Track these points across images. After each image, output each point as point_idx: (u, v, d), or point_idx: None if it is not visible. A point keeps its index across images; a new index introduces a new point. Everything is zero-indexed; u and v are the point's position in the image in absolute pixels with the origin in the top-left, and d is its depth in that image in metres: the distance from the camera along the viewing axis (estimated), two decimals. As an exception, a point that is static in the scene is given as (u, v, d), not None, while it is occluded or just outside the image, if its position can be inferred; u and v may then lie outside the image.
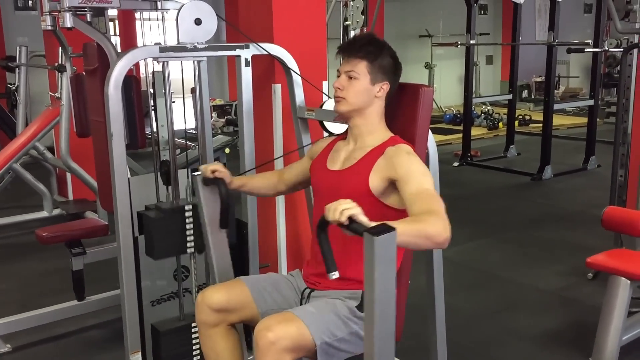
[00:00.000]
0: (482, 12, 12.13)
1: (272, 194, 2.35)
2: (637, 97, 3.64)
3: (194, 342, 2.39)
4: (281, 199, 2.70)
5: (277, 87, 2.63)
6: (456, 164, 7.15)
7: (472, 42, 7.05)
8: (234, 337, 2.03)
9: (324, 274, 1.98)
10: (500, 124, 9.04)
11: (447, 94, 11.21)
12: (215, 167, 2.11)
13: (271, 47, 2.47)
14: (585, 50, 6.52)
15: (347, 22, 4.41)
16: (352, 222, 1.47)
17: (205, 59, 2.35)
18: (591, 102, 6.83)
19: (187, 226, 2.30)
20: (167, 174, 2.46)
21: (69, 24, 2.67)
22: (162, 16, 2.94)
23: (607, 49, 5.58)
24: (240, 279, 2.07)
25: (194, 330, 2.38)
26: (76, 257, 3.12)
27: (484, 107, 9.77)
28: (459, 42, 7.36)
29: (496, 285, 3.78)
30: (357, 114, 1.98)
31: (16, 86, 5.89)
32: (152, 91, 2.50)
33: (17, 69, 5.60)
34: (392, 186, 1.86)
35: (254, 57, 2.43)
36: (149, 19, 3.09)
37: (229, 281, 2.08)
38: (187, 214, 2.29)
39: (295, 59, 2.52)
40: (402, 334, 2.11)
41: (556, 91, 10.18)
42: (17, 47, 5.39)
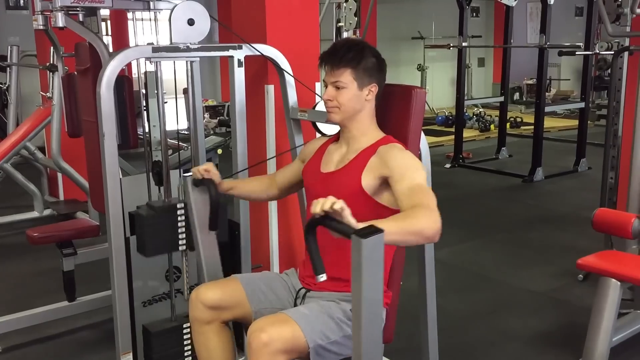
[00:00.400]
0: (474, 14, 12.17)
1: (264, 198, 2.34)
2: (628, 99, 3.66)
3: (186, 343, 2.38)
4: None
5: (270, 88, 2.63)
6: (448, 166, 7.17)
7: (464, 44, 7.08)
8: (226, 335, 2.02)
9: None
10: (492, 126, 9.08)
11: (439, 96, 11.24)
12: (206, 167, 2.12)
13: (264, 48, 2.47)
14: (576, 53, 6.55)
15: (340, 24, 4.42)
16: (339, 223, 1.46)
17: (198, 59, 2.34)
18: (582, 104, 6.88)
19: (179, 224, 2.30)
20: (159, 174, 2.46)
21: (61, 24, 2.66)
22: (155, 16, 2.94)
23: (598, 52, 5.61)
24: (235, 277, 2.07)
25: (185, 331, 2.37)
26: (67, 258, 3.10)
27: (475, 109, 9.80)
28: (451, 44, 7.39)
29: (487, 286, 3.79)
30: (349, 120, 1.98)
31: (7, 86, 5.87)
32: (144, 91, 2.50)
33: (8, 69, 5.57)
34: (385, 184, 1.86)
35: (246, 57, 2.42)
36: (142, 19, 3.08)
37: (223, 279, 2.08)
38: (179, 212, 2.28)
39: (288, 60, 2.52)
40: (393, 335, 2.12)
41: (547, 94, 10.22)
42: (8, 47, 5.35)
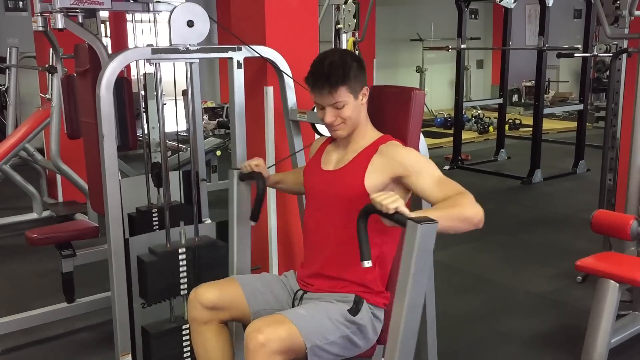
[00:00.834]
0: (473, 16, 12.17)
1: (302, 192, 2.28)
2: (626, 101, 3.66)
3: (185, 344, 2.39)
4: (272, 200, 2.70)
5: (269, 90, 2.63)
6: (447, 168, 7.17)
7: (463, 46, 7.09)
8: (224, 335, 2.03)
9: (317, 276, 1.99)
10: (490, 128, 9.08)
11: (438, 98, 11.24)
12: (257, 162, 2.20)
13: (263, 50, 2.47)
14: (574, 55, 6.55)
15: (339, 26, 4.43)
16: (396, 213, 1.56)
17: (197, 61, 2.35)
18: (580, 106, 6.89)
19: (181, 269, 2.33)
20: (158, 175, 2.47)
21: (60, 25, 2.67)
22: (154, 18, 2.94)
23: (596, 54, 5.64)
24: (233, 278, 2.09)
25: (184, 332, 2.38)
26: (66, 259, 3.10)
27: (474, 111, 9.81)
28: (450, 46, 7.39)
29: (486, 288, 3.79)
30: (354, 129, 1.98)
31: (6, 87, 5.87)
32: (143, 93, 2.51)
33: (7, 70, 5.57)
34: (393, 184, 1.88)
35: (246, 59, 2.43)
36: (141, 21, 3.09)
37: (222, 279, 2.09)
38: (180, 257, 2.32)
39: (287, 61, 2.53)
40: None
41: (546, 95, 10.22)
42: (7, 48, 5.35)
